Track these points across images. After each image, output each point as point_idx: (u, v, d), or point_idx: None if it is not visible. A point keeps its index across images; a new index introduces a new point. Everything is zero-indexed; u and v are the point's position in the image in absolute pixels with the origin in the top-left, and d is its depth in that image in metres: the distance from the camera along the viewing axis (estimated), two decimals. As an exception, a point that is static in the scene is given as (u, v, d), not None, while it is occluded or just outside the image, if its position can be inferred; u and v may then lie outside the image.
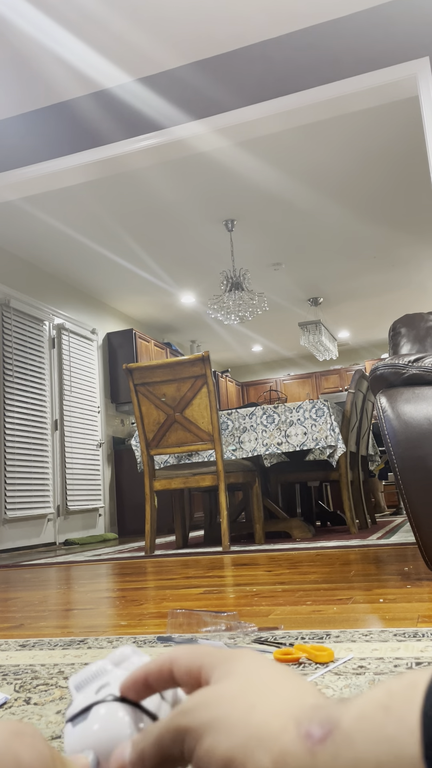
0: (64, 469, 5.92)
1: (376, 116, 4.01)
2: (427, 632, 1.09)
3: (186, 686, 0.39)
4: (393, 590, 1.58)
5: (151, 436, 3.48)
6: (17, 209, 4.91)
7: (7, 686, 0.96)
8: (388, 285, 7.28)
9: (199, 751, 0.32)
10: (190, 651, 0.39)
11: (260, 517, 3.49)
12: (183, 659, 0.39)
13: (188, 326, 8.33)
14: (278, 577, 2.03)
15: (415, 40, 3.15)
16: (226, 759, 0.30)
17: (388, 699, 0.28)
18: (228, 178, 4.67)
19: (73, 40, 3.27)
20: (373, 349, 9.98)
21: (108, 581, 2.36)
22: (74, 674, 0.45)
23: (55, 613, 1.65)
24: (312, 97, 3.27)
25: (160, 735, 0.35)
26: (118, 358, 7.07)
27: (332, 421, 3.42)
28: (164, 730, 0.35)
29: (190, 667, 0.38)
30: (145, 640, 1.20)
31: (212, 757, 0.31)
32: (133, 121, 3.57)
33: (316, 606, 1.44)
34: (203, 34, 3.31)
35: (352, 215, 5.42)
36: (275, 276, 6.73)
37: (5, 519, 5.06)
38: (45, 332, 5.94)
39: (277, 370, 10.62)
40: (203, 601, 1.66)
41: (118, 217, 5.17)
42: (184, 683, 0.39)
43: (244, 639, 1.14)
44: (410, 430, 1.63)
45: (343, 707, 0.30)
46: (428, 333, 2.23)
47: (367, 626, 1.19)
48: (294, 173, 4.65)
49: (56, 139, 3.71)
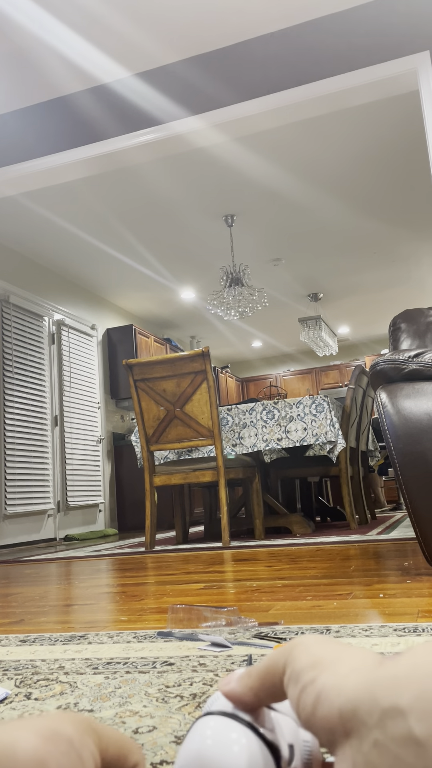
0: (64, 465, 5.93)
1: (376, 111, 4.00)
2: (427, 627, 1.09)
3: None
4: (393, 585, 1.58)
5: (151, 431, 3.48)
6: (17, 205, 4.90)
7: (7, 681, 0.96)
8: (388, 281, 7.28)
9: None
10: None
11: (260, 512, 3.49)
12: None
13: (188, 322, 8.33)
14: (278, 572, 2.03)
15: (415, 34, 3.13)
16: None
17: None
18: (227, 174, 4.66)
19: (71, 36, 3.26)
20: (373, 344, 9.97)
21: (108, 577, 2.36)
22: None
23: (56, 609, 1.66)
24: (311, 92, 3.26)
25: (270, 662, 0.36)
26: (118, 353, 7.07)
27: (332, 417, 3.42)
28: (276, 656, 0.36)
29: None
30: (145, 636, 1.20)
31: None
32: (132, 116, 3.56)
33: (316, 601, 1.44)
34: (201, 28, 3.30)
35: (352, 211, 5.41)
36: (275, 271, 6.73)
37: (5, 515, 5.06)
38: (45, 328, 5.94)
39: (277, 366, 10.62)
40: (203, 596, 1.67)
41: (118, 213, 5.16)
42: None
43: (244, 634, 1.14)
44: (410, 426, 1.63)
45: None
46: (428, 328, 2.23)
47: (367, 621, 1.19)
48: (294, 168, 4.64)
49: (55, 134, 3.70)
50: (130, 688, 0.87)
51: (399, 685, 0.28)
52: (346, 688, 0.30)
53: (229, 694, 0.38)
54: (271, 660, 0.36)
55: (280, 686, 0.35)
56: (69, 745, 0.30)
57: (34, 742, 0.29)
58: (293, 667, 0.34)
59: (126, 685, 0.89)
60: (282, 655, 0.35)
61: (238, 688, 0.37)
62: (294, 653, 0.35)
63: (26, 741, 0.29)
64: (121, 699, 0.83)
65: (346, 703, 0.29)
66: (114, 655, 1.07)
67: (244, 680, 0.37)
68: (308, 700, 0.31)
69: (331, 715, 0.30)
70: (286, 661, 0.35)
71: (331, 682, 0.31)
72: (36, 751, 0.29)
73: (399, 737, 0.27)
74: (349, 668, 0.31)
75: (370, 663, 0.31)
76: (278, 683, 0.35)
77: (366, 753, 0.28)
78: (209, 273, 6.60)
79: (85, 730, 0.32)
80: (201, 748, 0.34)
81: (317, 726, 0.31)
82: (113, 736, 0.34)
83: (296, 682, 0.33)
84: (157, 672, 0.94)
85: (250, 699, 0.37)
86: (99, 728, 0.33)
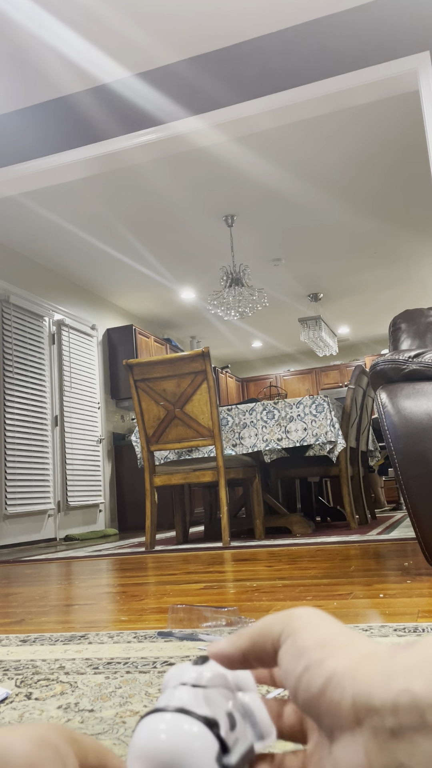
0: (64, 465, 5.93)
1: (377, 111, 4.00)
2: (427, 627, 1.09)
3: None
4: (393, 585, 1.59)
5: (152, 431, 3.48)
6: (17, 204, 4.90)
7: (8, 681, 0.96)
8: (389, 281, 7.28)
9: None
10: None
11: (260, 512, 3.49)
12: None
13: (188, 322, 8.33)
14: (278, 572, 2.03)
15: (416, 34, 3.13)
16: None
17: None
18: (228, 174, 4.66)
19: (71, 35, 3.26)
20: (373, 344, 9.97)
21: (108, 577, 2.36)
22: None
23: (56, 609, 1.66)
24: (311, 92, 3.26)
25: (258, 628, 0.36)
26: (118, 353, 7.07)
27: (332, 417, 3.42)
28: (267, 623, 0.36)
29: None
30: (145, 635, 1.20)
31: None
32: (132, 116, 3.56)
33: (317, 601, 1.45)
34: (202, 28, 3.30)
35: (352, 211, 5.41)
36: (275, 272, 6.73)
37: (6, 515, 5.06)
38: (45, 328, 5.94)
39: (277, 366, 10.62)
40: (204, 596, 1.67)
41: (118, 213, 5.16)
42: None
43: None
44: (410, 426, 1.63)
45: None
46: (428, 328, 2.23)
47: (367, 621, 1.19)
48: (294, 168, 4.64)
49: (55, 135, 3.70)
50: (130, 688, 0.87)
51: (413, 673, 0.29)
52: (361, 676, 0.30)
53: (218, 654, 0.38)
54: (266, 625, 0.36)
55: (271, 653, 0.35)
56: (55, 751, 0.31)
57: (26, 747, 0.30)
58: (295, 640, 0.34)
59: (126, 685, 0.89)
60: (278, 623, 0.35)
61: (227, 648, 0.37)
62: (293, 625, 0.34)
63: (19, 746, 0.30)
64: (121, 699, 0.83)
65: (360, 691, 0.29)
66: (114, 655, 1.07)
67: (233, 640, 0.37)
68: (315, 681, 0.31)
69: (343, 701, 0.30)
70: (283, 630, 0.35)
71: (343, 666, 0.31)
72: (28, 756, 0.30)
73: (413, 725, 0.27)
74: (361, 655, 0.31)
75: (380, 651, 0.31)
76: (270, 650, 0.35)
77: (381, 741, 0.28)
78: (209, 273, 6.60)
79: (67, 739, 0.33)
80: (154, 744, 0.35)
81: (322, 709, 0.31)
82: (92, 746, 0.35)
83: (298, 657, 0.33)
84: (157, 672, 0.94)
85: (237, 658, 0.37)
86: (78, 737, 0.34)
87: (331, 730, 0.31)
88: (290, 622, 0.35)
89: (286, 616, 0.36)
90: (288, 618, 0.35)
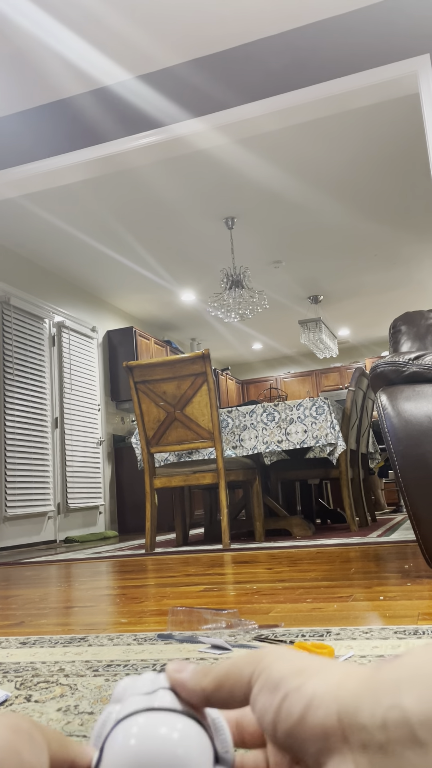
0: (64, 467, 5.93)
1: (377, 113, 4.01)
2: (427, 630, 1.09)
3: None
4: (393, 588, 1.58)
5: (152, 433, 3.48)
6: (17, 207, 4.90)
7: (7, 684, 0.96)
8: (389, 283, 7.28)
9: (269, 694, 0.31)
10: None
11: (260, 514, 3.49)
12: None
13: (188, 324, 8.33)
14: (278, 574, 2.03)
15: (416, 37, 3.14)
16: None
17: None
18: (228, 176, 4.66)
19: (72, 38, 3.27)
20: (374, 347, 9.97)
21: (108, 579, 2.36)
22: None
23: (56, 611, 1.65)
24: (312, 95, 3.26)
25: (231, 667, 0.34)
26: (119, 355, 7.07)
27: (332, 419, 3.42)
28: (239, 663, 0.34)
29: None
30: (145, 638, 1.20)
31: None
32: (133, 118, 3.56)
33: (317, 603, 1.44)
34: (203, 31, 3.31)
35: (353, 213, 5.41)
36: (275, 274, 6.73)
37: (6, 516, 5.06)
38: (45, 330, 5.94)
39: (277, 368, 10.62)
40: (204, 598, 1.66)
41: (118, 215, 5.16)
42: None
43: (244, 636, 1.14)
44: (410, 428, 1.63)
45: None
46: (428, 331, 2.23)
47: (367, 624, 1.19)
48: (294, 171, 4.64)
49: (55, 137, 3.70)
50: (130, 690, 0.87)
51: (401, 688, 0.28)
52: (345, 692, 0.29)
53: (178, 683, 0.36)
54: (234, 667, 0.34)
55: (239, 696, 0.34)
56: (30, 737, 0.33)
57: (6, 733, 0.32)
58: (268, 675, 0.32)
59: (126, 688, 0.88)
60: (248, 665, 0.34)
61: (189, 683, 0.36)
62: (265, 663, 0.33)
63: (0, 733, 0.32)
64: (121, 701, 0.82)
65: (346, 708, 0.29)
66: (114, 658, 1.07)
67: (198, 678, 0.36)
68: (295, 707, 0.30)
69: (328, 719, 0.29)
70: (255, 670, 0.33)
71: (324, 688, 0.30)
72: (10, 742, 0.31)
73: (403, 740, 0.27)
74: (342, 674, 0.31)
75: (361, 670, 0.31)
76: (239, 693, 0.34)
77: (371, 756, 0.28)
78: (210, 275, 6.60)
79: (35, 726, 0.34)
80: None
81: (306, 734, 0.30)
82: (54, 734, 0.36)
83: (274, 691, 0.31)
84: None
85: (197, 698, 0.35)
86: (41, 726, 0.35)
87: (317, 756, 0.30)
88: (261, 660, 0.33)
89: (256, 655, 0.34)
90: (258, 657, 0.34)
